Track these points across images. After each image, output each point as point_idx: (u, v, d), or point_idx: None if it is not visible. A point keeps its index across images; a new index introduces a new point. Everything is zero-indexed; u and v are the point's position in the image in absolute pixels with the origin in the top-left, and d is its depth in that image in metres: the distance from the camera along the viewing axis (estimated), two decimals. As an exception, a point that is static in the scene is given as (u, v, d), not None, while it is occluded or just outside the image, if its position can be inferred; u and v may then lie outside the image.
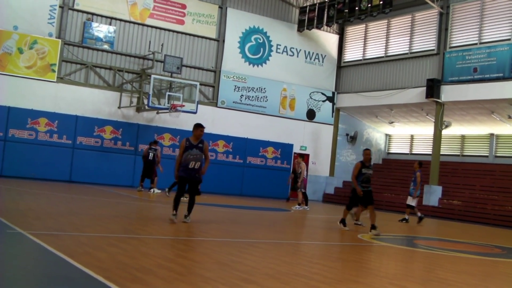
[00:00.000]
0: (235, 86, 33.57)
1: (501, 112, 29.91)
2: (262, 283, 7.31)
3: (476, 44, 29.68)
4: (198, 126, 14.01)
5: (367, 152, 16.37)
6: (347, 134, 37.28)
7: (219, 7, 33.26)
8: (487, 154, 32.88)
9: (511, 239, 19.32)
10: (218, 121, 32.31)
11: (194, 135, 13.93)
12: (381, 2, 30.43)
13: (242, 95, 33.72)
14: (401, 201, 31.27)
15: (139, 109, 30.19)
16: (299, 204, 25.03)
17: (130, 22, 30.67)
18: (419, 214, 22.42)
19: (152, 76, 28.84)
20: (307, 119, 35.76)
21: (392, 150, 38.98)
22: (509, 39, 28.18)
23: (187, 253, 9.38)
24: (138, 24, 30.89)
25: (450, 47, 30.85)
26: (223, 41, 33.38)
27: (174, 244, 10.37)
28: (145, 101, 29.28)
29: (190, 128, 32.58)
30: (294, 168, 27.10)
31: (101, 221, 13.20)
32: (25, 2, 27.90)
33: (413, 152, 37.34)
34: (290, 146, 34.07)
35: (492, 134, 32.78)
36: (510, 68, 27.60)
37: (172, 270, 7.54)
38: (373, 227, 15.69)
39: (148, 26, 31.12)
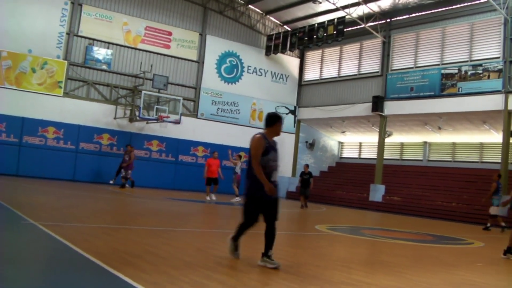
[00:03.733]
0: (213, 100, 33.54)
1: (433, 124, 30.27)
2: (234, 266, 7.34)
3: (412, 67, 30.04)
4: (280, 118, 8.04)
5: None
6: (306, 142, 37.38)
7: (200, 34, 33.26)
8: (422, 159, 33.21)
9: (440, 228, 19.53)
10: (198, 130, 32.27)
11: (273, 131, 7.90)
12: (335, 32, 30.78)
13: (219, 108, 33.71)
14: (350, 197, 31.49)
15: (131, 120, 30.06)
16: (237, 196, 23.52)
17: (124, 46, 30.53)
18: (502, 224, 19.58)
19: (143, 91, 28.83)
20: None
21: (344, 155, 39.17)
22: (438, 64, 28.57)
23: (170, 241, 9.36)
24: (131, 48, 30.76)
25: (391, 70, 31.17)
26: (203, 62, 33.35)
27: (159, 233, 10.34)
28: (137, 113, 29.25)
29: (175, 135, 32.75)
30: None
31: (98, 214, 13.14)
32: (38, 30, 27.74)
33: (361, 157, 37.58)
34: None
35: (425, 142, 33.13)
36: (440, 88, 27.98)
37: (157, 255, 7.53)
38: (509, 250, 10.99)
39: (139, 49, 30.99)
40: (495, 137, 28.13)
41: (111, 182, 27.04)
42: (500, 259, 10.80)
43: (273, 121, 7.86)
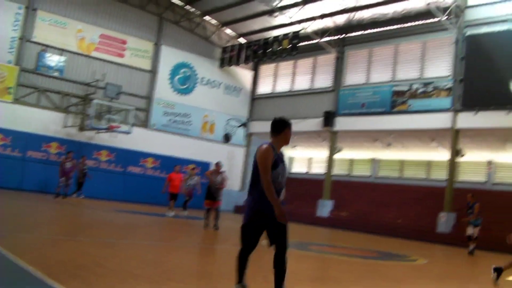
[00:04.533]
0: (165, 111, 33.47)
1: (383, 140, 30.81)
2: (181, 279, 7.41)
3: (364, 84, 30.60)
4: (289, 124, 6.44)
5: None
6: (257, 155, 37.37)
7: (155, 44, 33.21)
8: (370, 175, 33.72)
9: (386, 245, 19.90)
10: (149, 141, 32.05)
11: (281, 139, 6.41)
12: (289, 46, 31.17)
13: (170, 119, 33.66)
14: (299, 212, 31.61)
15: (81, 129, 29.67)
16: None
17: (78, 54, 30.21)
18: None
19: (94, 100, 28.55)
20: (224, 141, 35.91)
21: (294, 170, 39.34)
22: (390, 81, 29.21)
23: (120, 253, 9.35)
24: (85, 56, 30.46)
25: (344, 86, 31.67)
26: (156, 72, 33.31)
27: (109, 245, 10.31)
28: (87, 122, 28.94)
29: (125, 146, 32.31)
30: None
31: (45, 224, 12.99)
32: (-11, 34, 27.29)
33: (311, 172, 37.86)
34: (208, 164, 33.47)
35: (374, 159, 33.69)
36: (390, 104, 28.59)
37: (105, 267, 7.54)
38: None
39: (93, 57, 30.70)
40: (443, 155, 28.83)
41: (82, 197, 26.82)
42: (442, 275, 11.11)
43: (281, 128, 6.39)
